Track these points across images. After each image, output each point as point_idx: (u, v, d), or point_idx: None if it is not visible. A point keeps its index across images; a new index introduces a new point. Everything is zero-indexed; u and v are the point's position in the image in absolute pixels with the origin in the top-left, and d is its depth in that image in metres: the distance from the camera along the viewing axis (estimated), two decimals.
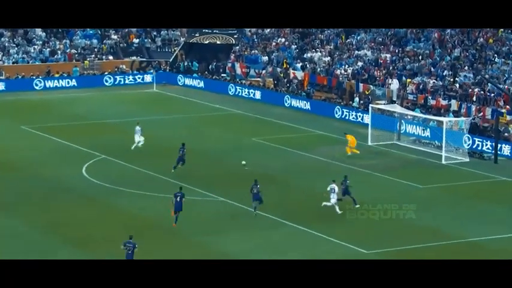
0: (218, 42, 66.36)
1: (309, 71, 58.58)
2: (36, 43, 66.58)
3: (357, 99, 52.90)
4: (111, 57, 67.05)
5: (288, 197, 35.20)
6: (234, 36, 66.05)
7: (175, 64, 66.84)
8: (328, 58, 59.70)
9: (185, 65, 66.12)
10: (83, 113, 53.29)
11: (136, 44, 69.00)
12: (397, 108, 46.88)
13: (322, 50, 61.33)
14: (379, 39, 59.50)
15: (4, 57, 64.08)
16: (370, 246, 28.88)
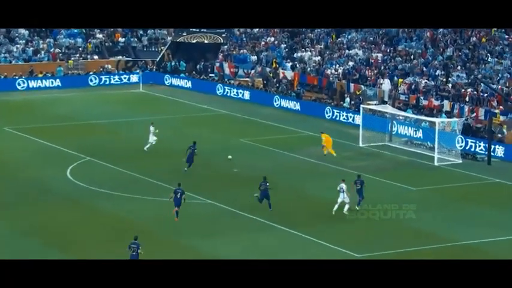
0: (206, 41, 66.39)
1: (299, 71, 58.70)
2: (19, 42, 66.39)
3: (347, 99, 53.05)
4: (96, 57, 66.95)
5: (277, 199, 35.25)
6: (222, 35, 66.10)
7: (162, 64, 66.81)
8: (319, 57, 59.83)
9: (172, 64, 66.10)
10: (68, 114, 53.17)
11: (122, 43, 68.93)
12: (388, 108, 47.07)
13: (312, 49, 61.46)
14: (371, 39, 59.68)
15: None
16: (360, 249, 28.98)
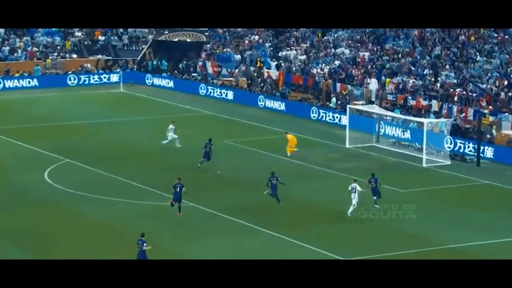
0: (188, 40, 66.20)
1: (284, 70, 58.63)
2: None
3: (334, 99, 53.03)
4: (75, 56, 66.62)
5: (261, 202, 35.12)
6: (205, 33, 65.94)
7: (143, 63, 66.56)
8: (304, 56, 59.80)
9: (154, 63, 65.88)
10: (45, 115, 52.87)
11: (102, 41, 68.61)
12: (375, 108, 47.07)
13: (298, 48, 61.41)
14: (357, 37, 59.70)
15: None
16: (345, 253, 28.85)
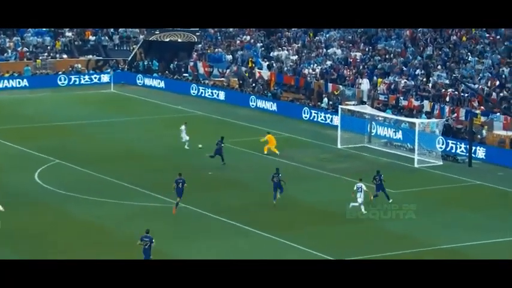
0: (179, 40, 66.28)
1: (276, 71, 58.78)
2: None
3: (325, 99, 53.20)
4: (65, 56, 66.59)
5: (254, 203, 35.27)
6: (197, 33, 66.01)
7: (134, 63, 66.60)
8: (296, 57, 59.96)
9: (145, 64, 65.92)
10: (36, 115, 52.85)
11: (93, 41, 68.61)
12: (367, 109, 47.23)
13: (289, 48, 61.58)
14: (349, 37, 59.90)
15: None
16: (337, 253, 28.95)
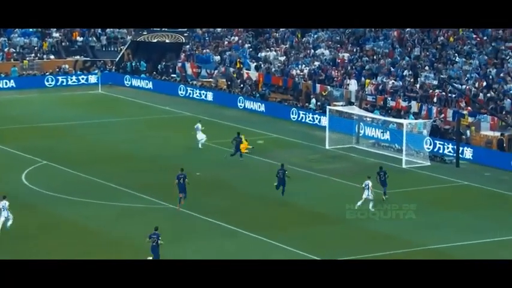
0: (167, 40, 66.30)
1: (264, 71, 58.90)
2: None
3: (313, 100, 53.38)
4: (52, 57, 66.48)
5: (242, 204, 35.39)
6: (184, 34, 66.06)
7: (122, 64, 66.57)
8: (284, 57, 60.11)
9: (132, 64, 65.90)
10: (22, 116, 52.76)
11: (80, 42, 68.52)
12: (355, 110, 47.41)
13: (277, 49, 61.72)
14: (337, 38, 60.09)
15: None
16: (325, 253, 29.03)
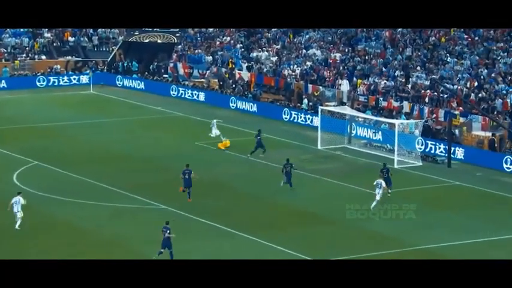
0: (159, 41, 66.25)
1: (256, 72, 58.91)
2: None
3: (305, 101, 53.41)
4: (44, 57, 66.35)
5: (235, 205, 35.37)
6: (176, 34, 66.02)
7: (114, 64, 66.48)
8: (276, 58, 60.12)
9: (124, 65, 65.82)
10: (14, 117, 52.65)
11: (72, 42, 68.40)
12: (347, 110, 47.46)
13: (269, 49, 61.73)
14: (329, 38, 60.15)
15: None
16: (318, 253, 29.02)
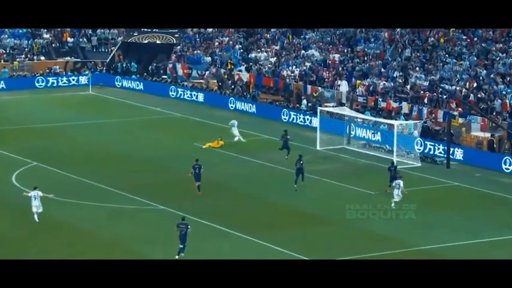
0: (158, 41, 66.22)
1: (255, 72, 58.89)
2: None
3: (304, 101, 53.40)
4: (43, 58, 66.32)
5: (234, 205, 35.35)
6: (175, 35, 66.00)
7: (113, 65, 66.45)
8: (275, 59, 60.09)
9: (123, 65, 65.79)
10: (13, 117, 52.62)
11: (71, 43, 68.37)
12: (346, 111, 47.46)
13: (268, 50, 61.72)
14: (328, 39, 60.14)
15: None
16: (316, 254, 28.98)
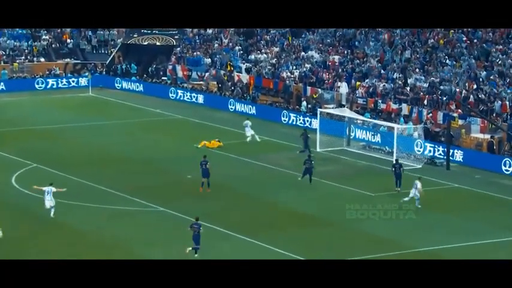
0: (158, 43, 66.20)
1: (255, 74, 58.85)
2: None
3: (304, 103, 53.36)
4: (42, 59, 66.30)
5: (234, 207, 35.29)
6: (175, 37, 65.98)
7: (113, 66, 66.43)
8: (274, 60, 60.06)
9: (123, 67, 65.76)
10: (13, 119, 52.57)
11: (70, 45, 68.35)
12: (346, 112, 47.43)
13: (268, 51, 61.69)
14: (327, 40, 60.11)
15: None
16: (315, 255, 28.91)
